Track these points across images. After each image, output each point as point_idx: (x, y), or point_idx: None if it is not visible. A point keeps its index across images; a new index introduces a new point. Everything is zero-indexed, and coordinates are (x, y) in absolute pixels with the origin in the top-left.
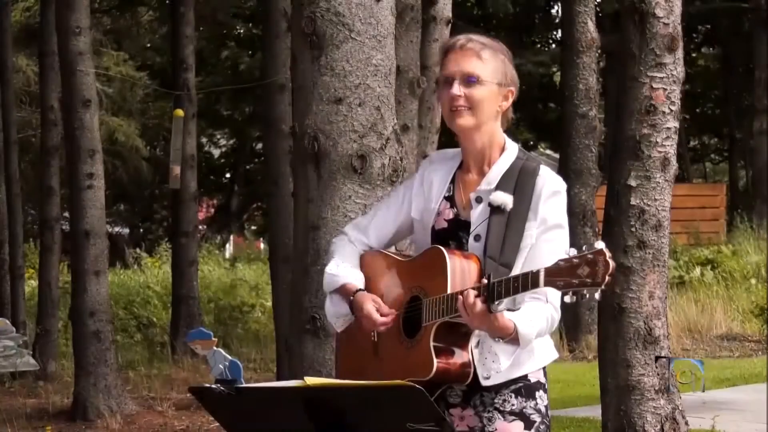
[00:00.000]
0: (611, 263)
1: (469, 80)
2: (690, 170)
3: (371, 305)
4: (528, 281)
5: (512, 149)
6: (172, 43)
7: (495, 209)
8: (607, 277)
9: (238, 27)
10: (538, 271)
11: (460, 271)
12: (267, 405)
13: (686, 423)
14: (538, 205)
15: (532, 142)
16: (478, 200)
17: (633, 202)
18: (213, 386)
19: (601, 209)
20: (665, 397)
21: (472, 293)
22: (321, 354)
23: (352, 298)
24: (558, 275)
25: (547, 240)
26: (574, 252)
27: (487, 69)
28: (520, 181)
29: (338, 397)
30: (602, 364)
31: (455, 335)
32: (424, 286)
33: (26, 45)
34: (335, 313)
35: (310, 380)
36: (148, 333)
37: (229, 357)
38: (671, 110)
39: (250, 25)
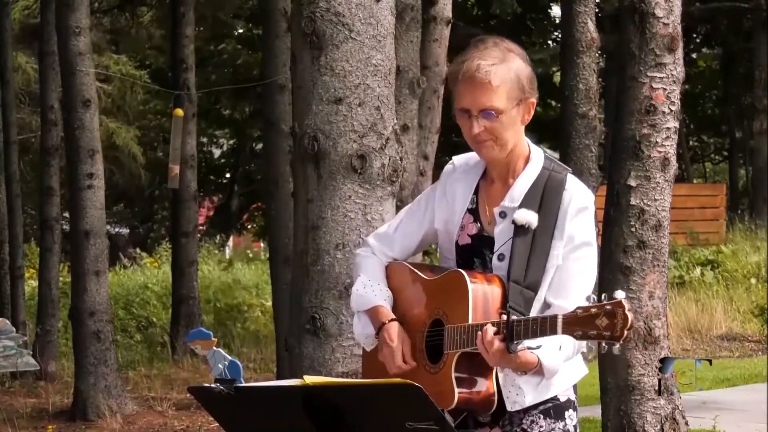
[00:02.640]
0: (630, 317)
1: (487, 115)
2: (690, 170)
3: (399, 345)
4: (546, 326)
5: (537, 159)
6: (172, 43)
7: (519, 228)
8: (625, 332)
9: (238, 27)
10: (555, 317)
11: (483, 298)
12: (267, 404)
13: (686, 423)
14: (564, 224)
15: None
16: (502, 215)
17: (633, 202)
18: (212, 386)
19: (601, 209)
20: (665, 397)
21: (490, 330)
22: (321, 354)
23: (385, 322)
24: (576, 324)
25: (575, 259)
26: (594, 299)
27: (502, 97)
28: (545, 197)
29: (338, 396)
30: (602, 364)
31: (479, 364)
32: (446, 311)
33: (26, 45)
34: (365, 335)
35: (310, 379)
36: (148, 333)
37: (229, 357)
38: (671, 110)
39: (250, 25)
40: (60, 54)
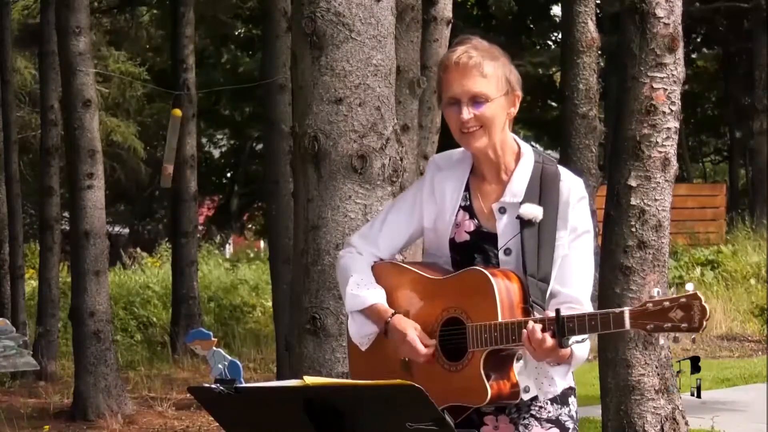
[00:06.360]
0: (707, 308)
1: (477, 101)
2: (690, 170)
3: (415, 333)
4: (610, 322)
5: (528, 154)
6: (172, 43)
7: (525, 223)
8: (704, 323)
9: (238, 27)
10: (622, 312)
11: (506, 294)
12: (266, 405)
13: (686, 423)
14: (567, 213)
15: (532, 142)
16: (502, 211)
17: (633, 202)
18: (212, 386)
19: (601, 209)
20: (665, 397)
21: (538, 328)
22: (321, 354)
23: (389, 319)
24: (647, 318)
25: (576, 247)
26: (657, 292)
27: (492, 84)
28: (544, 189)
29: (338, 397)
30: (602, 364)
31: (500, 358)
32: (465, 309)
33: (26, 45)
34: (361, 334)
35: (310, 379)
36: (148, 333)
37: (229, 357)
38: (671, 110)
39: (250, 25)
40: (60, 54)
